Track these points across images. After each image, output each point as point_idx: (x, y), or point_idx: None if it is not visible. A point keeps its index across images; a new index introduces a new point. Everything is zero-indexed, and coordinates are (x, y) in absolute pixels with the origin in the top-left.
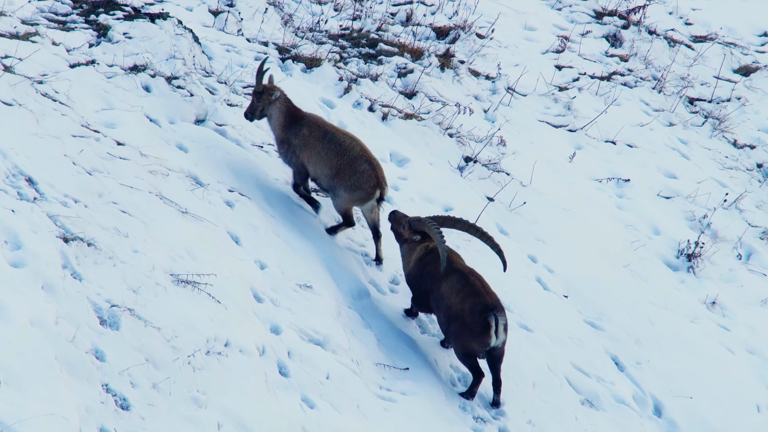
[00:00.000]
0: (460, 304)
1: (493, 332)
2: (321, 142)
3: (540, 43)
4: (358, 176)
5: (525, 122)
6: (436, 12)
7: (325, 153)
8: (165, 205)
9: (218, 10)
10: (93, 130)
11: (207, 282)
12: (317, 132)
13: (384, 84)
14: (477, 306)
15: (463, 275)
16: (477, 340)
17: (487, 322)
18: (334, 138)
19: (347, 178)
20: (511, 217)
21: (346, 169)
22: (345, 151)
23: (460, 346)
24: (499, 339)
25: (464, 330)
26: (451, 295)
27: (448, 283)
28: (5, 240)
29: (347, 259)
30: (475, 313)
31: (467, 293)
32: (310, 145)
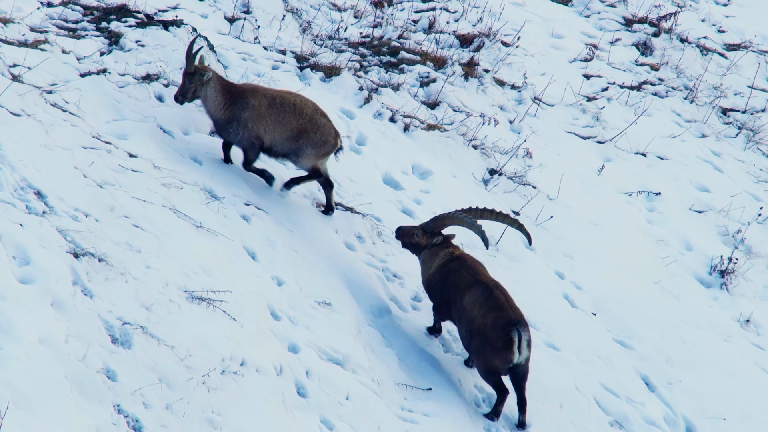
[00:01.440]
0: (483, 318)
1: (516, 348)
2: (273, 108)
3: (567, 51)
4: (322, 131)
5: (552, 133)
6: (460, 19)
7: (282, 118)
8: (179, 219)
9: (234, 17)
10: (104, 141)
11: (222, 299)
12: (265, 100)
13: (406, 94)
14: (500, 321)
15: (487, 288)
16: (499, 356)
17: (510, 337)
18: (285, 101)
19: (311, 135)
20: (537, 231)
21: (308, 127)
22: (301, 110)
23: (483, 363)
24: (522, 355)
25: (486, 345)
26: (473, 308)
27: (472, 296)
28: (13, 255)
29: (367, 275)
30: (497, 327)
31: (490, 307)
32: (263, 114)
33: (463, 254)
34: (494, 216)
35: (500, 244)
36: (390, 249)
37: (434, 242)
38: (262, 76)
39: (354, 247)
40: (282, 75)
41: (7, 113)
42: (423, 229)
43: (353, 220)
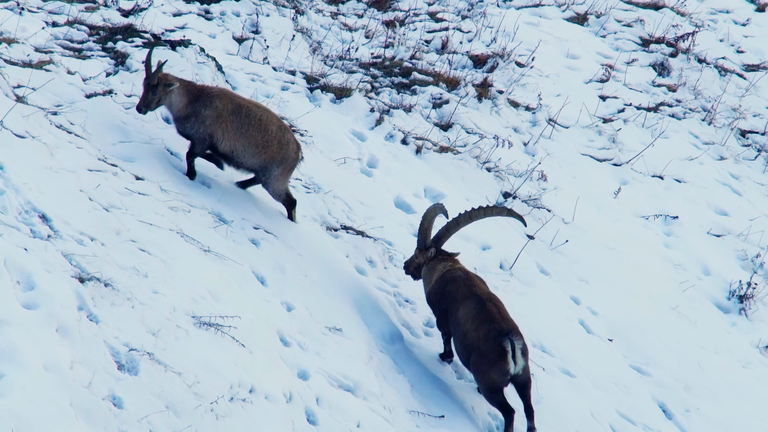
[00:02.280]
0: (475, 332)
1: (510, 358)
2: (237, 116)
3: (583, 72)
4: (285, 148)
5: (567, 156)
6: (474, 39)
7: (245, 129)
8: (186, 243)
9: (243, 38)
10: (110, 163)
11: (231, 324)
12: (230, 105)
13: (418, 115)
14: (491, 332)
15: (480, 300)
16: (495, 369)
17: (502, 347)
18: (251, 112)
19: (277, 153)
20: (552, 256)
21: (273, 144)
22: (266, 127)
23: (482, 381)
24: (518, 365)
25: (482, 360)
26: (467, 321)
27: (465, 308)
28: (18, 280)
29: (379, 300)
30: (489, 339)
31: (482, 320)
32: (225, 119)
33: (462, 267)
34: (483, 213)
35: (514, 269)
36: (402, 273)
37: (429, 256)
38: (271, 97)
39: (365, 272)
40: (291, 96)
41: (11, 135)
42: (418, 249)
43: (364, 244)
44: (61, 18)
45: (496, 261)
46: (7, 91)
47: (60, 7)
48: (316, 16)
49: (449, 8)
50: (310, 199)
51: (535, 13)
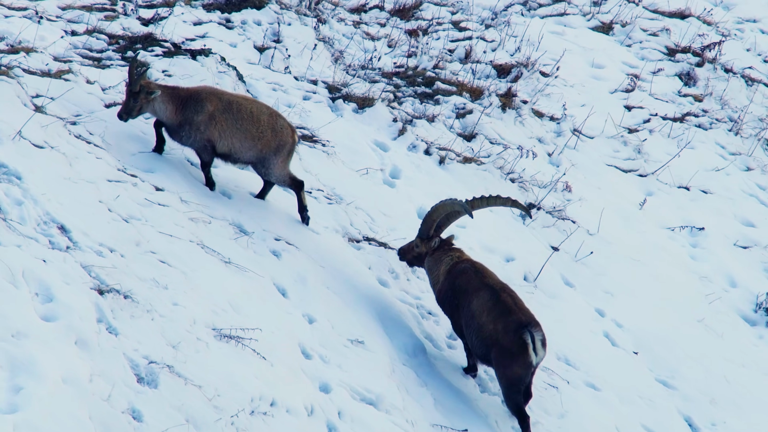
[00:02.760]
0: (492, 324)
1: (531, 350)
2: (229, 114)
3: (608, 81)
4: (280, 134)
5: (592, 166)
6: (497, 48)
7: (239, 125)
8: (207, 254)
9: (264, 47)
10: (130, 174)
11: (252, 337)
12: (220, 104)
13: (441, 125)
14: (510, 325)
15: (494, 291)
16: (518, 362)
17: (523, 340)
18: (241, 107)
19: (272, 141)
20: (577, 267)
21: (267, 133)
22: (257, 117)
23: (505, 376)
24: (539, 356)
25: (504, 354)
26: (482, 314)
27: (479, 300)
28: (36, 292)
29: (401, 313)
30: (509, 333)
31: (499, 312)
32: (218, 119)
33: (469, 258)
34: (486, 202)
35: (538, 281)
36: (425, 285)
37: (433, 246)
38: (292, 107)
39: (387, 284)
40: (313, 106)
41: (29, 145)
42: (419, 237)
43: (387, 256)
44: (81, 27)
45: (520, 273)
46: (25, 101)
47: (79, 16)
48: (339, 25)
49: (473, 17)
50: (332, 210)
51: (560, 22)
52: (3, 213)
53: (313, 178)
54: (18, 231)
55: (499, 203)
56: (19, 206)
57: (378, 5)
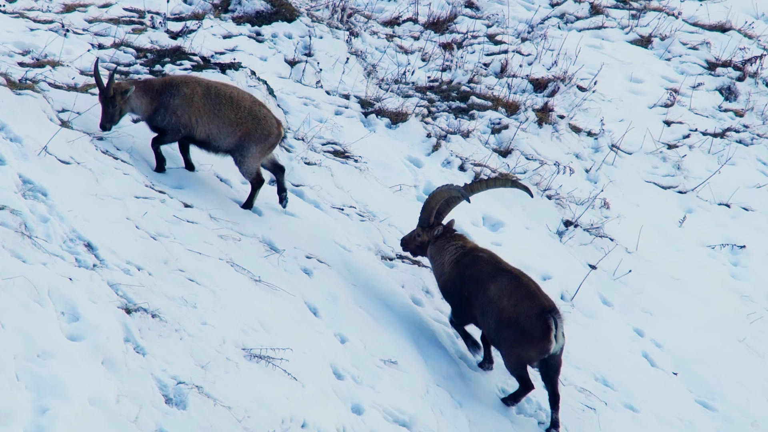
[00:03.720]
0: (515, 308)
1: (553, 336)
2: (208, 99)
3: (647, 96)
4: (263, 123)
5: (630, 183)
6: (534, 62)
7: (217, 109)
8: (236, 272)
9: (295, 60)
10: (158, 190)
11: (282, 357)
12: (199, 88)
13: (476, 141)
14: (534, 309)
15: (514, 276)
16: (536, 347)
17: (547, 325)
18: (220, 92)
19: (253, 130)
20: (615, 286)
21: (248, 121)
22: (238, 103)
23: (515, 355)
24: (558, 344)
25: (522, 337)
26: (502, 298)
27: (498, 285)
28: (62, 311)
29: (435, 333)
30: (532, 317)
31: (522, 296)
32: (196, 103)
33: (475, 246)
34: (485, 185)
35: (576, 300)
36: None
37: (436, 234)
38: (324, 122)
39: (421, 303)
40: (345, 121)
41: (55, 161)
42: (420, 226)
43: (420, 274)
44: (108, 40)
45: (557, 291)
46: (51, 116)
47: (106, 29)
48: (371, 39)
49: (509, 30)
50: (365, 227)
51: (598, 35)
52: (28, 230)
53: (345, 194)
54: (44, 248)
55: (499, 184)
56: (45, 223)
57: (412, 18)
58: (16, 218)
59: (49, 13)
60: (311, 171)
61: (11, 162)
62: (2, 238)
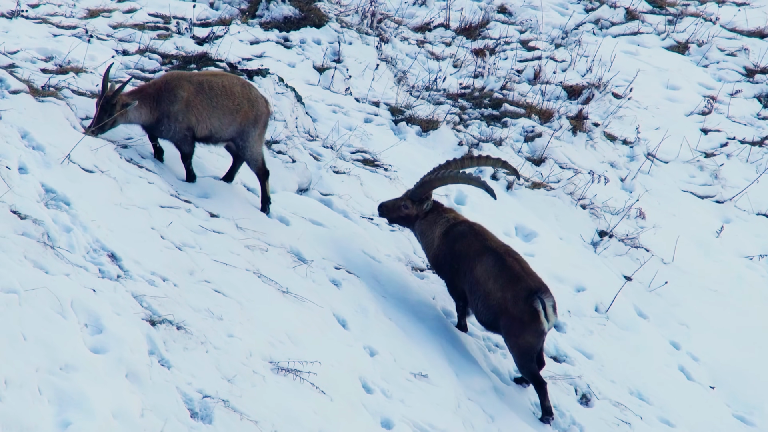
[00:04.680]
0: (501, 292)
1: (543, 317)
2: (203, 94)
3: (684, 103)
4: (255, 105)
5: (667, 192)
6: (568, 69)
7: (214, 102)
8: (264, 284)
9: (324, 67)
10: (183, 200)
11: (310, 370)
12: (191, 86)
13: (509, 149)
14: (520, 293)
15: (498, 256)
16: (530, 331)
17: (534, 307)
18: (212, 83)
19: (250, 112)
20: (650, 298)
21: (243, 104)
22: (231, 89)
23: (517, 345)
24: (550, 322)
25: (515, 323)
26: (487, 281)
27: (483, 266)
28: (85, 323)
29: (467, 345)
30: (519, 301)
31: (506, 279)
32: (194, 103)
33: (465, 219)
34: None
35: (610, 312)
36: None
37: (425, 209)
38: (353, 130)
39: (453, 315)
40: (375, 128)
41: (78, 169)
42: (411, 199)
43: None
44: (132, 46)
45: (591, 303)
46: (74, 123)
47: (131, 35)
48: (402, 45)
49: (542, 36)
50: (395, 237)
51: (633, 41)
52: (51, 240)
53: (375, 203)
54: (66, 259)
55: (490, 163)
56: (68, 233)
57: (443, 24)
58: (38, 228)
59: (72, 19)
60: (340, 180)
61: (34, 171)
62: (24, 249)
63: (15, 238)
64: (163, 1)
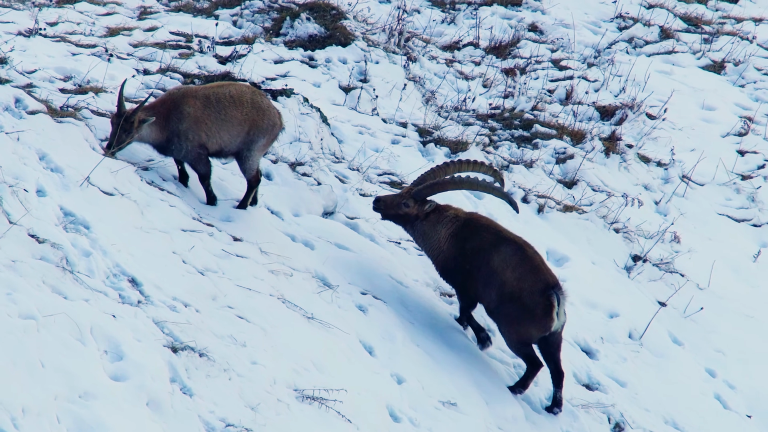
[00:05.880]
0: (518, 282)
1: (555, 314)
2: (210, 108)
3: (720, 124)
4: (267, 114)
5: (702, 216)
6: (601, 89)
7: (223, 115)
8: (288, 309)
9: (350, 87)
10: (206, 223)
11: (336, 398)
12: (199, 102)
13: (540, 171)
14: (538, 285)
15: (519, 247)
16: (537, 324)
17: (550, 301)
18: (219, 94)
19: (259, 122)
20: (686, 324)
21: (253, 113)
22: (239, 99)
23: (515, 333)
24: (560, 321)
25: (523, 313)
26: (505, 270)
27: (501, 255)
28: (105, 349)
29: (497, 373)
30: (535, 293)
31: (526, 270)
32: (202, 119)
33: (471, 214)
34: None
35: (645, 338)
36: None
37: (427, 210)
38: (380, 151)
39: None
40: (402, 150)
41: (98, 192)
42: (413, 197)
43: (481, 311)
44: (153, 65)
45: (624, 330)
46: (93, 145)
47: (152, 54)
48: (430, 64)
49: (574, 55)
50: (422, 261)
51: (668, 60)
52: (70, 265)
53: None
54: (86, 284)
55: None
56: (87, 258)
57: (472, 42)
58: (57, 252)
59: (92, 37)
60: (366, 203)
61: (52, 193)
62: (43, 274)
63: (33, 263)
64: (185, 20)
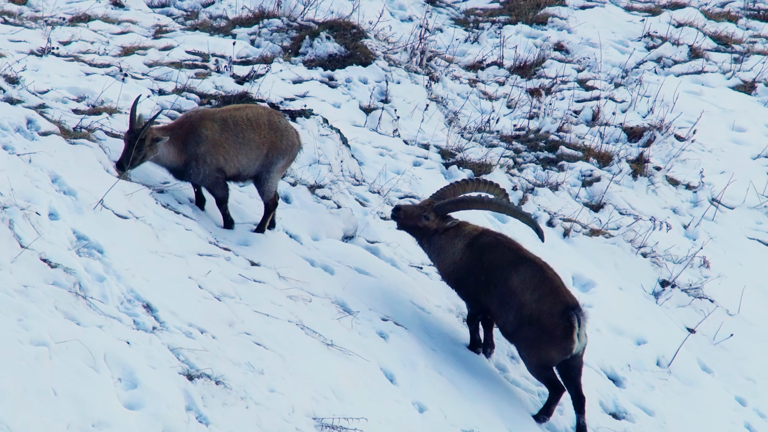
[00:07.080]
0: (537, 304)
1: (576, 335)
2: (228, 131)
3: (750, 146)
4: (286, 134)
5: (732, 240)
6: (628, 109)
7: (241, 138)
8: (307, 336)
9: (371, 107)
10: (222, 247)
11: (356, 427)
12: (216, 125)
13: (565, 194)
14: (557, 306)
15: (538, 268)
16: (558, 347)
17: (570, 323)
18: (237, 118)
19: (278, 141)
20: (715, 351)
21: (271, 135)
22: (257, 122)
23: (536, 357)
24: (581, 343)
25: (542, 336)
26: (525, 292)
27: (521, 276)
28: (119, 377)
29: (521, 401)
30: (554, 315)
31: (545, 291)
32: (219, 142)
33: (486, 229)
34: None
35: (673, 366)
36: None
37: (449, 225)
38: (401, 174)
39: (506, 369)
40: (424, 172)
41: (112, 215)
42: (435, 212)
43: (504, 339)
44: (169, 85)
45: (652, 357)
46: (107, 167)
47: (167, 74)
48: (453, 84)
49: (601, 75)
50: (445, 287)
51: (697, 80)
52: (83, 290)
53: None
54: (99, 310)
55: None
56: (101, 283)
57: (496, 62)
58: (70, 277)
59: (106, 57)
60: (387, 226)
61: (65, 217)
62: (55, 299)
63: (45, 288)
64: (202, 39)
